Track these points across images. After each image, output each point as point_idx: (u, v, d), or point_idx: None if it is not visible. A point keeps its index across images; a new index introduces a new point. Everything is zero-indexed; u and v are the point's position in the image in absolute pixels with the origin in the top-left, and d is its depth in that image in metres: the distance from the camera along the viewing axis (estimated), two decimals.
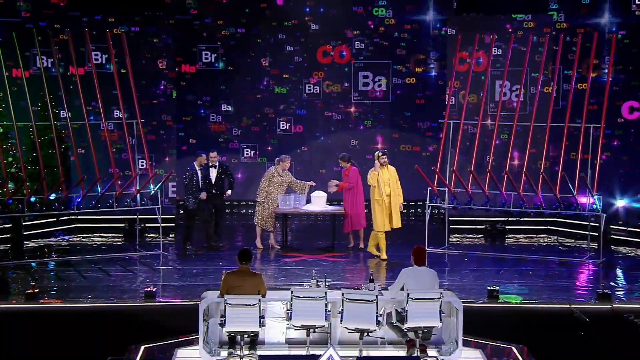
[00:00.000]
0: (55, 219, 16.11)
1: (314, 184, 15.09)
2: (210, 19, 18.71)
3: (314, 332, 9.81)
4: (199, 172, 14.37)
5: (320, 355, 8.32)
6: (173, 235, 16.47)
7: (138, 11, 16.98)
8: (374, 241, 14.17)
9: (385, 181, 13.98)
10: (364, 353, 9.74)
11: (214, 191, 14.55)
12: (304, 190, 14.86)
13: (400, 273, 10.06)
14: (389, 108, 19.03)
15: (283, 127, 19.07)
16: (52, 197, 14.21)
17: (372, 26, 18.82)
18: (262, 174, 15.16)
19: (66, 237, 16.36)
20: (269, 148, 19.00)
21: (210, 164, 14.57)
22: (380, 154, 14.09)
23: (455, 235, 16.25)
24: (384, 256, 14.03)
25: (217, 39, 18.75)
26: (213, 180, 14.53)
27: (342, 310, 9.66)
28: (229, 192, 14.76)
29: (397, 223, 14.07)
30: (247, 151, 19.04)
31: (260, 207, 14.72)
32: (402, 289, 9.78)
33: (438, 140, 15.27)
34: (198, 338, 9.75)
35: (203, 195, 14.33)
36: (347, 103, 19.02)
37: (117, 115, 16.19)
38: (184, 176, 14.52)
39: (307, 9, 18.82)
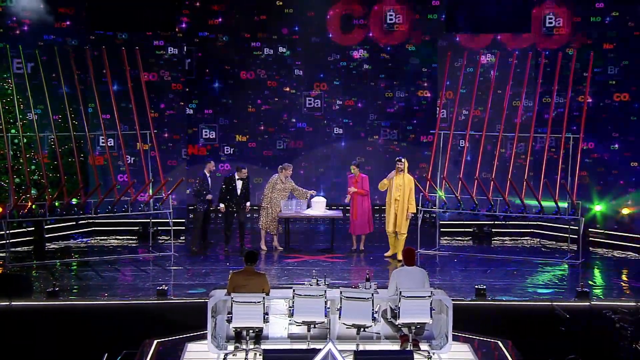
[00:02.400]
0: (74, 223, 16.12)
1: (314, 192, 15.11)
2: (214, 35, 18.47)
3: (315, 327, 9.84)
4: (209, 178, 14.41)
5: (320, 349, 8.33)
6: (183, 237, 16.48)
7: (146, 27, 17.00)
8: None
9: (397, 187, 14.00)
10: (361, 347, 9.76)
11: (237, 202, 14.51)
12: (305, 197, 14.87)
13: (392, 274, 10.12)
14: (388, 121, 18.87)
15: (280, 145, 18.74)
16: (74, 201, 14.27)
17: (370, 40, 18.60)
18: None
19: (84, 240, 16.37)
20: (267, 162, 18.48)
21: (238, 177, 14.55)
22: (396, 159, 14.17)
23: (446, 237, 16.27)
24: (387, 253, 14.13)
25: (219, 52, 18.53)
26: (238, 192, 14.53)
27: (341, 307, 9.69)
28: (248, 204, 14.68)
29: (399, 227, 14.08)
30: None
31: (264, 212, 14.73)
32: (396, 288, 9.82)
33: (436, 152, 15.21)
34: (207, 333, 9.78)
35: (209, 196, 14.38)
36: (346, 116, 18.89)
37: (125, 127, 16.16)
38: (195, 182, 14.51)
39: (308, 22, 18.48)
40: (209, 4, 18.33)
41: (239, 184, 14.51)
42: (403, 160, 14.14)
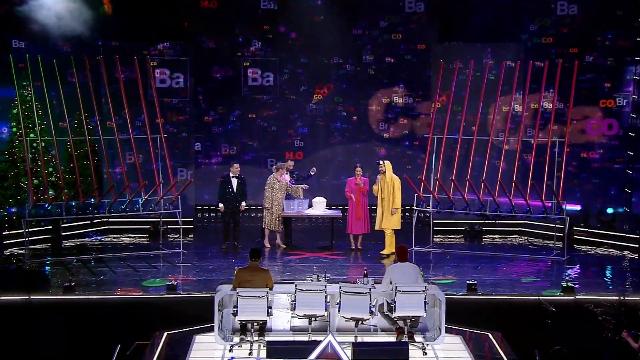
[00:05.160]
0: (89, 222, 16.13)
1: (307, 187, 15.08)
2: (223, 43, 18.33)
3: (315, 320, 9.85)
4: (232, 180, 14.44)
5: (320, 341, 8.33)
6: (192, 235, 16.46)
7: (159, 37, 16.99)
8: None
9: (382, 187, 14.04)
10: (359, 339, 9.77)
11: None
12: (299, 193, 14.81)
13: (387, 270, 10.13)
14: (385, 124, 18.78)
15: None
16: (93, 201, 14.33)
17: (369, 47, 18.38)
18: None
19: (99, 237, 16.37)
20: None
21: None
22: (377, 162, 14.20)
23: (439, 235, 16.23)
24: (384, 251, 14.18)
25: (223, 58, 18.40)
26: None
27: (340, 301, 9.70)
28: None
29: (385, 224, 14.10)
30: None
31: (268, 213, 14.67)
32: (390, 283, 9.83)
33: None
34: (213, 326, 9.80)
35: (220, 207, 14.41)
36: (346, 120, 18.77)
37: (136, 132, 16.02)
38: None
39: (310, 26, 18.19)
40: (208, 8, 18.12)
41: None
42: (382, 162, 14.16)
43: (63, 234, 15.41)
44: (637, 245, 14.68)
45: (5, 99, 15.89)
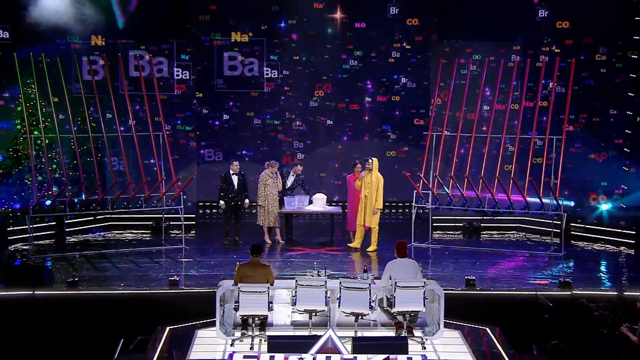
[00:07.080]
0: (92, 218, 16.10)
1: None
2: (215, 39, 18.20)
3: (316, 315, 9.84)
4: (233, 177, 14.42)
5: (321, 336, 8.31)
6: (194, 231, 16.44)
7: (161, 38, 16.96)
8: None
9: (367, 184, 13.99)
10: (359, 334, 9.77)
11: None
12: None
13: (387, 265, 10.10)
14: (388, 125, 18.71)
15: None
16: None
17: (370, 44, 18.15)
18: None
19: (102, 233, 16.35)
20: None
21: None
22: (365, 159, 14.16)
23: (438, 231, 16.22)
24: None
25: (222, 56, 18.23)
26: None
27: (340, 296, 9.69)
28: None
29: (368, 222, 14.05)
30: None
31: (263, 210, 14.63)
32: (390, 278, 9.82)
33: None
34: (215, 320, 9.78)
35: (221, 205, 14.37)
36: (347, 116, 18.68)
37: (140, 129, 15.91)
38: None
39: (310, 25, 18.03)
40: (208, 8, 17.97)
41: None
42: (371, 160, 14.10)
43: (67, 230, 15.38)
44: (634, 241, 14.68)
45: (10, 97, 15.89)
